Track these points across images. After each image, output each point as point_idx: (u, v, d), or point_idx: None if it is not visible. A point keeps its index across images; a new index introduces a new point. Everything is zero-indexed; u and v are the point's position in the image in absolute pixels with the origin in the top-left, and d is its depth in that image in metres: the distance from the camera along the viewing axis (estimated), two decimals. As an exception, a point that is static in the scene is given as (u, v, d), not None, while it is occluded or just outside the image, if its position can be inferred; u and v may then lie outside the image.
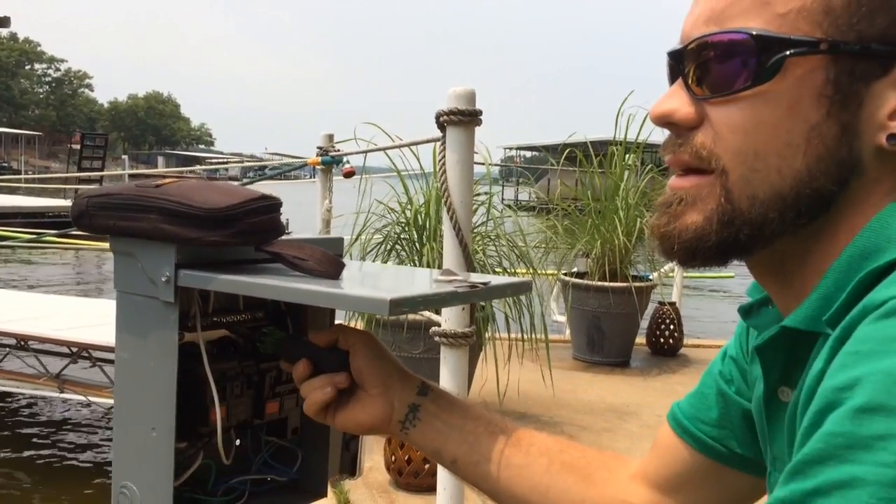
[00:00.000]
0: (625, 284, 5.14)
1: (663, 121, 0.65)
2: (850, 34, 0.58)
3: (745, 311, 0.75)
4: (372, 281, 0.95)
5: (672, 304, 5.91)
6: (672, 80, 0.67)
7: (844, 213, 0.61)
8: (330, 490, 2.88)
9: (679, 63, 0.65)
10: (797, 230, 0.61)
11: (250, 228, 0.84)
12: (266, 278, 0.81)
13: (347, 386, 0.87)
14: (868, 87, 0.59)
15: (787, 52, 0.58)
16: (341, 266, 0.83)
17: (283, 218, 0.91)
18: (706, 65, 0.62)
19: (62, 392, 4.41)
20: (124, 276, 0.90)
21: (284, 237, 0.89)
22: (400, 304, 0.71)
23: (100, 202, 0.88)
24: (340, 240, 1.02)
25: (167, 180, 0.89)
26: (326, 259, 0.82)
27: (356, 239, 3.78)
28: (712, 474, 0.85)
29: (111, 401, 4.31)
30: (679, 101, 0.64)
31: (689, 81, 0.64)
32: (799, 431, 0.52)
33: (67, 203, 16.14)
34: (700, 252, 0.63)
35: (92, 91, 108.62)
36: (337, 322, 0.99)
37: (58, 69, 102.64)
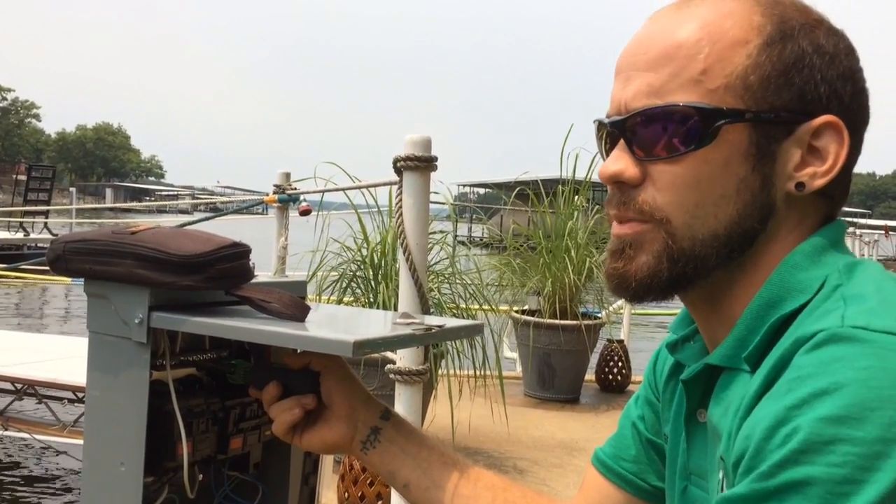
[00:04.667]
0: (575, 322, 5.25)
1: (613, 180, 0.75)
2: (764, 105, 0.70)
3: (672, 347, 0.86)
4: (335, 323, 1.01)
5: (620, 341, 6.04)
6: (610, 144, 0.77)
7: (762, 248, 0.73)
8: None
9: (621, 130, 0.75)
10: (729, 263, 0.73)
11: (221, 274, 0.89)
12: (236, 321, 0.87)
13: (315, 407, 0.92)
14: (779, 146, 0.71)
15: (722, 121, 0.70)
16: (307, 309, 0.89)
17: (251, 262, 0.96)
18: (652, 131, 0.72)
19: (6, 430, 4.31)
20: (97, 317, 0.94)
21: (252, 281, 0.95)
22: (363, 346, 0.78)
23: (76, 247, 0.93)
24: (304, 283, 1.08)
25: (142, 226, 0.94)
26: (293, 302, 0.88)
27: (312, 276, 3.81)
28: None
29: (57, 438, 4.23)
30: (625, 163, 0.74)
31: (634, 146, 0.74)
32: (737, 444, 0.62)
33: (12, 235, 15.74)
34: (654, 287, 0.74)
35: (39, 121, 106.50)
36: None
37: (4, 98, 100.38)
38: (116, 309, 0.92)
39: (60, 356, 4.58)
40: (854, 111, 0.73)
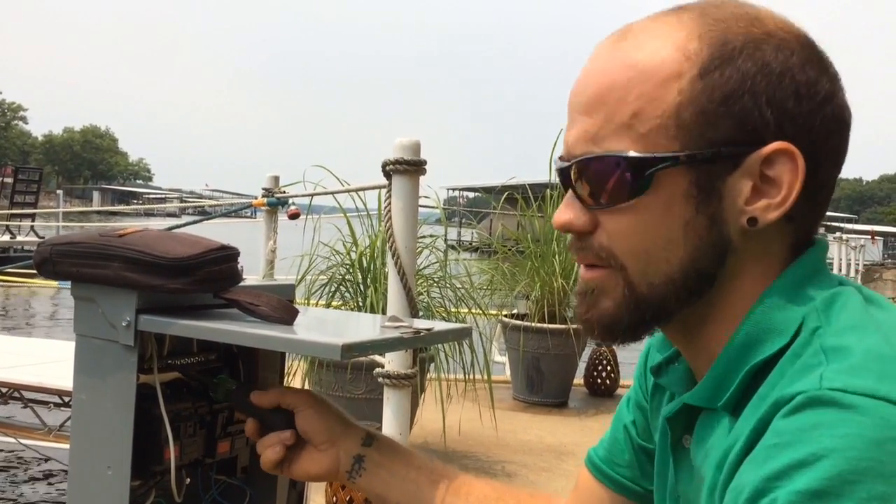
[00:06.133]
0: (563, 326, 5.26)
1: (564, 230, 0.75)
2: (702, 142, 0.67)
3: (656, 371, 0.85)
4: (324, 326, 1.01)
5: (609, 345, 6.06)
6: (563, 188, 0.76)
7: (728, 284, 0.70)
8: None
9: (566, 179, 0.74)
10: (692, 303, 0.71)
11: (209, 277, 0.89)
12: (223, 323, 0.87)
13: (294, 442, 0.92)
14: (724, 182, 0.67)
15: (654, 168, 0.67)
16: (295, 312, 0.89)
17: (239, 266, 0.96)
18: (591, 181, 0.71)
19: (-9, 434, 4.27)
20: (85, 320, 0.94)
21: (241, 284, 0.95)
22: (351, 349, 0.78)
23: (63, 250, 0.92)
24: (292, 286, 1.08)
25: (129, 230, 0.94)
26: (281, 305, 0.88)
27: (301, 280, 3.81)
28: None
29: (43, 442, 4.19)
30: (574, 211, 0.73)
31: (579, 194, 0.73)
32: None
33: (-3, 238, 15.61)
34: (617, 332, 0.74)
35: (26, 123, 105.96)
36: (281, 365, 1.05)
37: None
38: (104, 312, 0.92)
39: (46, 360, 4.54)
40: (813, 128, 0.67)
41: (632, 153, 0.68)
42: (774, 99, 0.66)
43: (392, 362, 2.00)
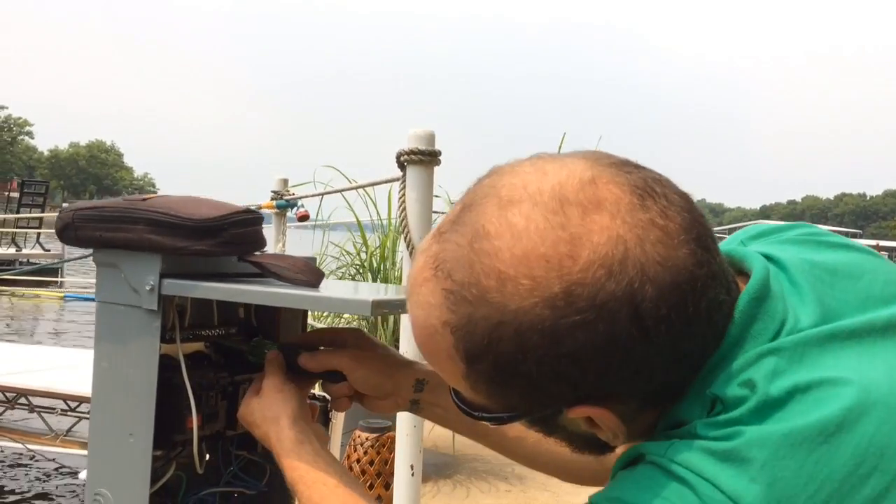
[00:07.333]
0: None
1: None
2: (505, 406, 0.64)
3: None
4: (351, 289, 1.00)
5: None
6: None
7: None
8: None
9: None
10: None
11: (234, 239, 0.89)
12: (249, 285, 0.85)
13: (353, 393, 0.94)
14: (557, 421, 0.65)
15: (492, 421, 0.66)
16: (321, 274, 0.88)
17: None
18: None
19: (-2, 439, 4.26)
20: (106, 287, 0.93)
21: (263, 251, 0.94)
22: (381, 306, 0.77)
23: (86, 214, 0.92)
24: (314, 259, 1.07)
25: (152, 195, 0.94)
26: (307, 268, 0.88)
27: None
28: None
29: (51, 448, 4.18)
30: None
31: None
32: None
33: (4, 250, 15.68)
34: None
35: (32, 138, 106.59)
36: (318, 328, 1.03)
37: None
38: (126, 277, 0.91)
39: (52, 366, 4.55)
40: (611, 373, 0.58)
41: (466, 408, 0.67)
42: (550, 373, 0.58)
43: (408, 353, 1.98)
